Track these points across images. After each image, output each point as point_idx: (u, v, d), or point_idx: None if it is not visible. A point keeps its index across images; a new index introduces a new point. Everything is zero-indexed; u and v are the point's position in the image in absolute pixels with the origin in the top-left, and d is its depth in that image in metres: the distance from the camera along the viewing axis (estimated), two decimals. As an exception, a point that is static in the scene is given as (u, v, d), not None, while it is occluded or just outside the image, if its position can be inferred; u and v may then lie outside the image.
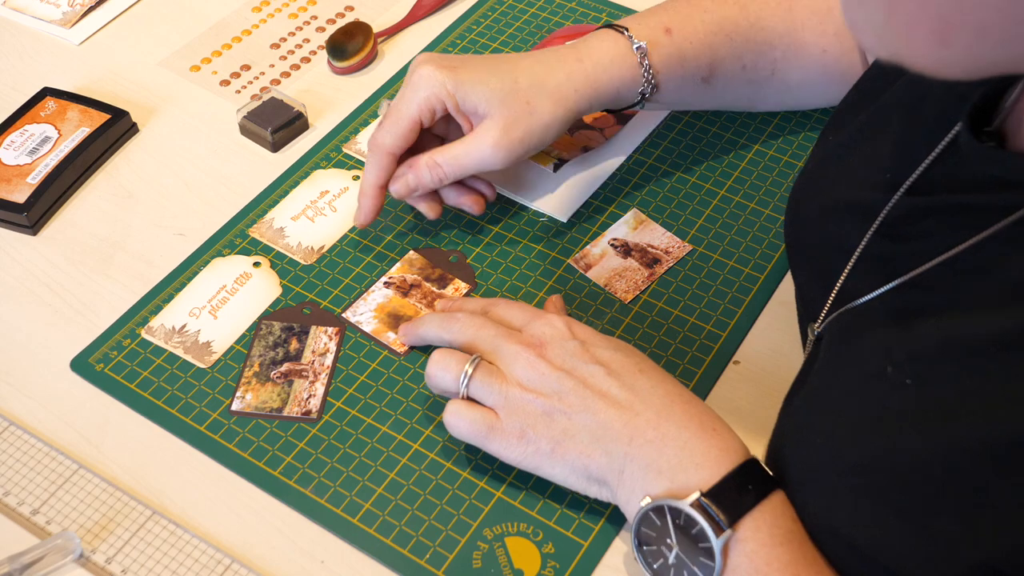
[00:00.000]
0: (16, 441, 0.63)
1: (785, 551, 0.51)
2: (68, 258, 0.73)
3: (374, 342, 0.68)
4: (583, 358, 0.58)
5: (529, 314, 0.62)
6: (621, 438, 0.55)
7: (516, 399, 0.58)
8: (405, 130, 0.69)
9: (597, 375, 0.57)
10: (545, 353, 0.59)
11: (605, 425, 0.56)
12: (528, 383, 0.58)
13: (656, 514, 0.53)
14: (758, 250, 0.73)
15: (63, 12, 0.91)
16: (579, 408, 0.57)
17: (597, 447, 0.56)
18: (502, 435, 0.58)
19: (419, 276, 0.71)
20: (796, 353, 0.67)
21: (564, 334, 0.59)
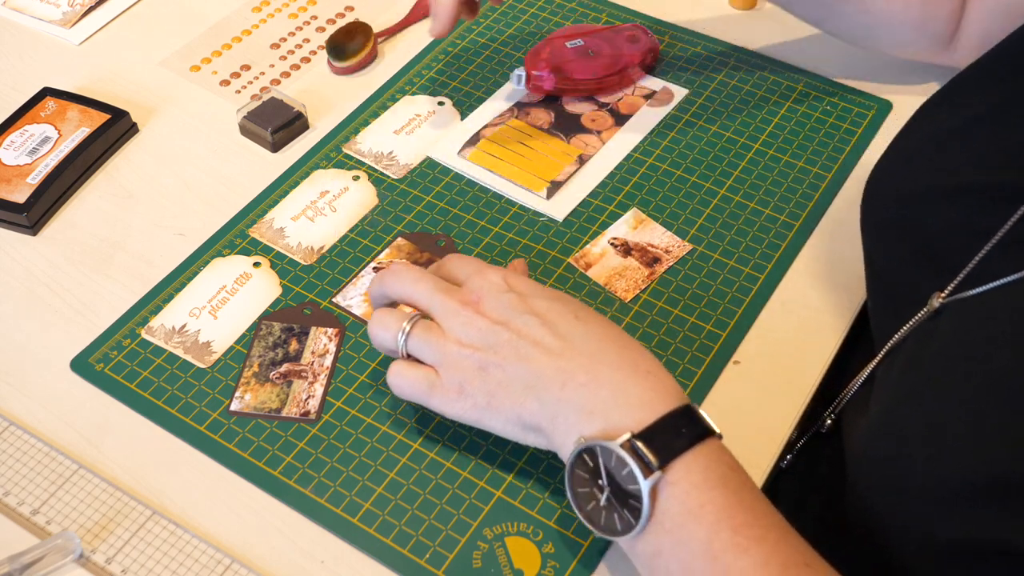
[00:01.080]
0: (16, 441, 0.63)
1: (719, 494, 0.50)
2: (68, 258, 0.73)
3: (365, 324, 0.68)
4: (518, 309, 0.58)
5: (471, 268, 0.61)
6: (553, 384, 0.55)
7: (453, 355, 0.58)
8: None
9: (531, 325, 0.57)
10: (481, 307, 0.58)
11: (537, 373, 0.56)
12: (464, 339, 0.58)
13: (588, 455, 0.53)
14: (758, 250, 0.73)
15: (63, 12, 0.91)
16: (512, 359, 0.56)
17: (529, 395, 0.56)
18: (442, 391, 0.58)
19: (407, 261, 0.72)
20: (796, 353, 0.67)
21: (500, 287, 0.59)
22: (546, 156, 0.79)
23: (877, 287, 0.65)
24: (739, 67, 0.86)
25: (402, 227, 0.74)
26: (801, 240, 0.74)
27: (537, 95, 0.84)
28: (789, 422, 0.64)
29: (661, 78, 0.85)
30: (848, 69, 0.86)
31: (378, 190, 0.77)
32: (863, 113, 0.82)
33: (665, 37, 0.89)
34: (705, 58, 0.87)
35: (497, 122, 0.82)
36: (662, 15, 0.91)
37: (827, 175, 0.78)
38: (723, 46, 0.88)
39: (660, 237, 0.73)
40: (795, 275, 0.72)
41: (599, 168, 0.78)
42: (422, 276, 0.61)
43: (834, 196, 0.76)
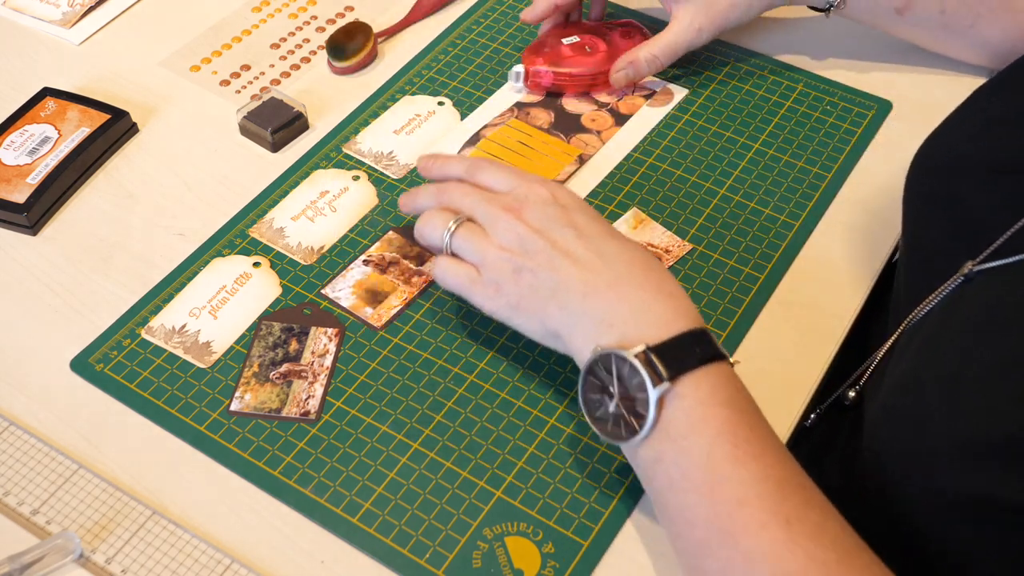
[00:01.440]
0: (16, 441, 0.63)
1: (723, 411, 0.53)
2: (68, 258, 0.73)
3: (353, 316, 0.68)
4: (559, 221, 0.61)
5: (514, 179, 0.64)
6: (576, 294, 0.58)
7: (492, 256, 0.61)
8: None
9: (567, 237, 0.60)
10: (523, 215, 0.61)
11: (564, 282, 0.59)
12: (504, 243, 0.61)
13: (603, 363, 0.55)
14: (758, 250, 0.73)
15: (63, 12, 0.91)
16: (544, 266, 0.60)
17: (553, 302, 0.59)
18: (482, 287, 0.62)
19: (397, 254, 0.72)
20: (796, 353, 0.67)
21: (546, 199, 0.62)
22: (546, 156, 0.79)
23: (912, 259, 0.66)
24: (739, 67, 0.86)
25: (403, 226, 0.74)
26: (801, 240, 0.74)
27: (537, 93, 0.84)
28: (789, 422, 0.64)
29: (660, 77, 0.85)
30: (848, 69, 0.86)
31: (378, 190, 0.77)
32: (863, 113, 0.82)
33: (665, 37, 0.89)
34: (705, 58, 0.87)
35: (497, 122, 0.82)
36: (662, 15, 0.91)
37: (827, 175, 0.78)
38: (723, 46, 0.88)
39: (660, 237, 0.73)
40: (795, 275, 0.72)
41: (599, 168, 0.78)
42: (473, 190, 0.65)
43: (834, 196, 0.76)
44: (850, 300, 0.70)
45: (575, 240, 0.60)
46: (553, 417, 0.64)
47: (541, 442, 0.63)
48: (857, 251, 0.73)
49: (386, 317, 0.69)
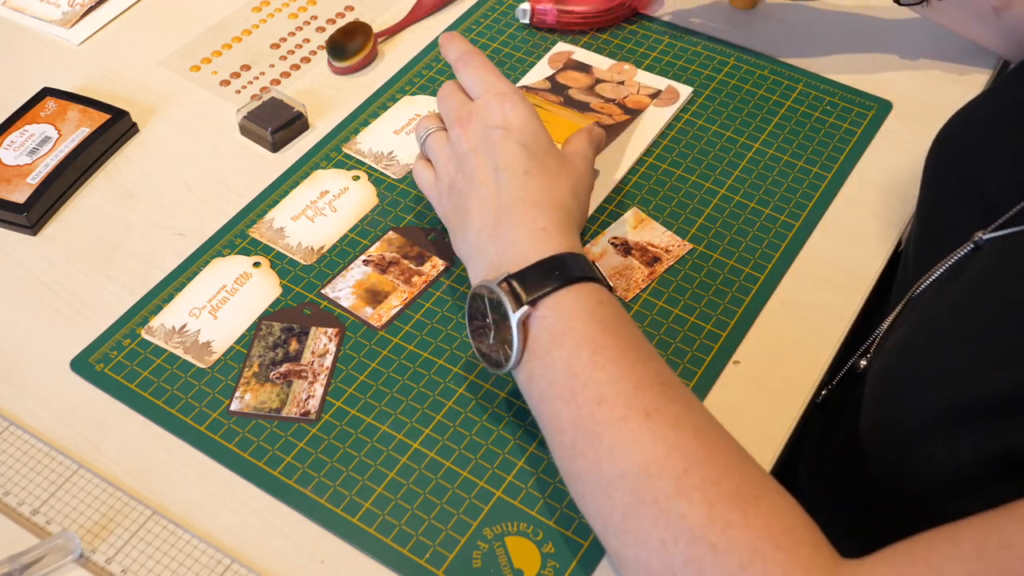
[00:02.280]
0: (16, 441, 0.63)
1: (582, 323, 0.56)
2: (68, 258, 0.73)
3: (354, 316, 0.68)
4: (490, 146, 0.64)
5: (482, 86, 0.66)
6: (473, 226, 0.63)
7: (441, 166, 0.67)
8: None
9: (486, 165, 0.63)
10: (467, 130, 0.65)
11: (469, 211, 0.63)
12: (451, 156, 0.66)
13: (478, 297, 0.60)
14: (758, 250, 0.73)
15: (63, 12, 0.91)
16: (464, 189, 0.64)
17: (463, 227, 0.64)
18: (434, 190, 0.68)
19: (397, 254, 0.72)
20: (796, 352, 0.67)
21: (494, 119, 0.64)
22: (563, 118, 0.78)
23: (923, 232, 0.67)
24: (739, 67, 0.86)
25: (403, 226, 0.74)
26: (801, 240, 0.74)
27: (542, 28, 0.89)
28: (789, 422, 0.64)
29: (662, 76, 0.85)
30: (848, 69, 0.86)
31: (378, 190, 0.77)
32: (863, 113, 0.82)
33: (665, 37, 0.89)
34: (705, 58, 0.87)
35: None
36: (662, 15, 0.91)
37: (827, 175, 0.78)
38: (723, 46, 0.88)
39: (660, 237, 0.73)
40: (795, 275, 0.72)
41: (609, 165, 0.78)
42: (449, 94, 0.68)
43: (834, 196, 0.76)
44: (850, 300, 0.70)
45: (489, 171, 0.63)
46: (553, 417, 0.64)
47: (541, 442, 0.63)
48: (857, 251, 0.73)
49: (386, 317, 0.69)
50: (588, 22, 0.88)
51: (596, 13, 0.88)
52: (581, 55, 0.86)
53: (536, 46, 0.88)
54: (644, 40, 0.89)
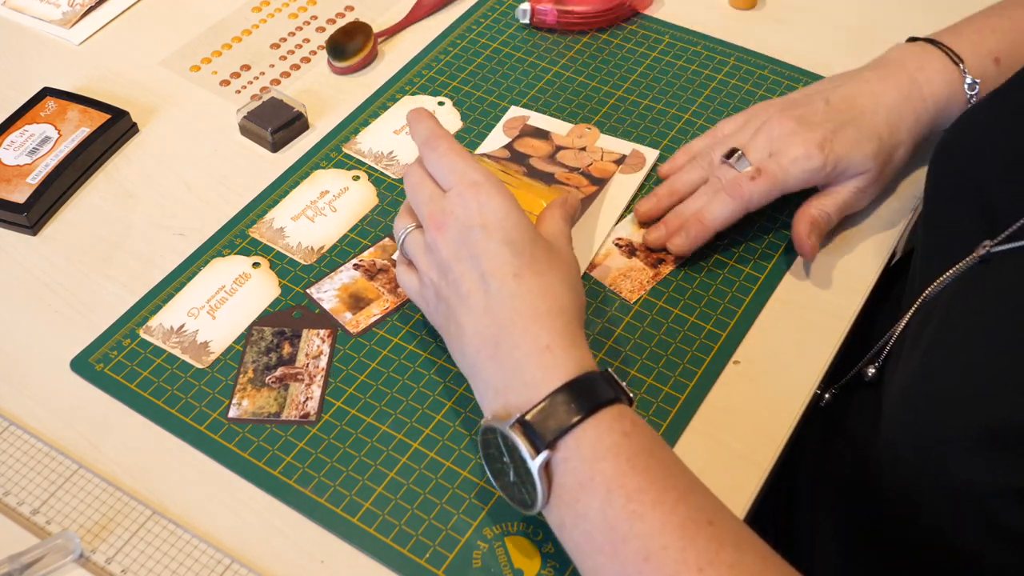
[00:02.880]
0: (16, 441, 0.63)
1: (609, 464, 0.51)
2: (68, 258, 0.73)
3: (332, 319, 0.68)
4: (470, 250, 0.57)
5: (454, 177, 0.60)
6: (470, 347, 0.57)
7: (422, 272, 0.61)
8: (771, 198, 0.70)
9: (470, 275, 0.57)
10: (444, 233, 0.59)
11: (462, 328, 0.57)
12: (429, 261, 0.60)
13: (490, 435, 0.54)
14: (758, 250, 0.73)
15: (63, 12, 0.91)
16: (453, 303, 0.58)
17: (457, 342, 0.58)
18: (421, 300, 0.63)
19: (388, 262, 0.72)
20: (796, 353, 0.67)
21: (471, 217, 0.58)
22: (534, 194, 0.70)
23: (930, 236, 0.65)
24: (739, 67, 0.86)
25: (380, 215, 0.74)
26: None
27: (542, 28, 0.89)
28: (789, 422, 0.64)
29: (662, 76, 0.85)
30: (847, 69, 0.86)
31: (378, 190, 0.77)
32: (863, 113, 0.82)
33: (665, 37, 0.89)
34: (705, 58, 0.87)
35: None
36: (662, 15, 0.91)
37: (827, 175, 0.78)
38: (723, 46, 0.88)
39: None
40: (795, 275, 0.72)
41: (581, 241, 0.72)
42: (417, 185, 0.62)
43: (834, 196, 0.76)
44: (850, 300, 0.70)
45: (476, 280, 0.57)
46: (553, 417, 0.64)
47: (541, 442, 0.63)
48: (857, 251, 0.73)
49: (363, 324, 0.68)
50: (588, 22, 0.88)
51: (596, 13, 0.88)
52: (537, 120, 0.81)
53: (536, 46, 0.88)
54: (644, 40, 0.89)
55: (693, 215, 0.70)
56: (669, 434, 0.63)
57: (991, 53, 0.71)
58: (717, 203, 0.69)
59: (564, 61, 0.87)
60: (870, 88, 0.71)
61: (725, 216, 0.69)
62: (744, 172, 0.69)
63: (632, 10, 0.90)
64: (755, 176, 0.68)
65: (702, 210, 0.70)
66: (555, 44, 0.88)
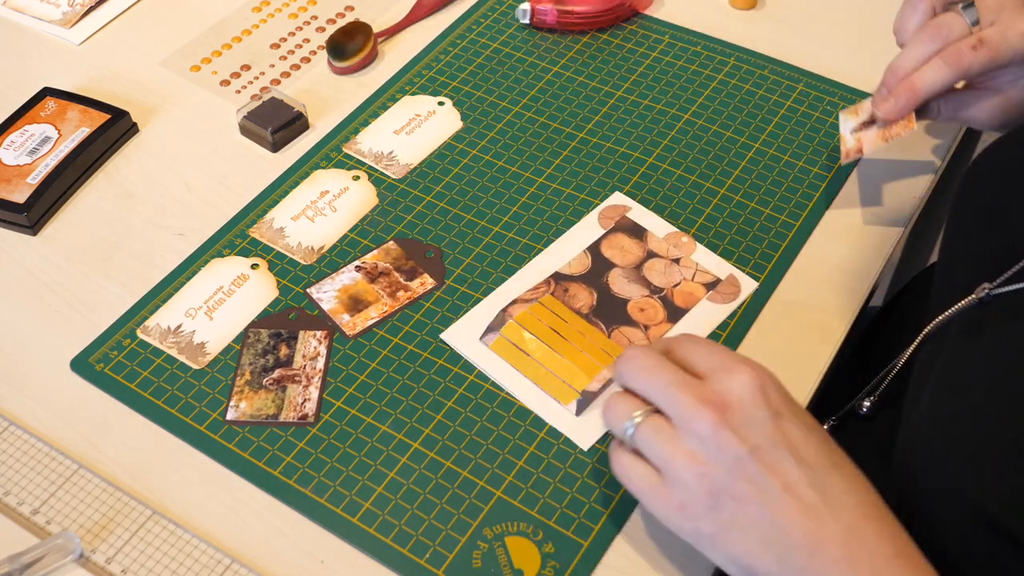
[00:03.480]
0: (16, 441, 0.63)
1: None
2: (68, 258, 0.73)
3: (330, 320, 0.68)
4: (772, 436, 0.49)
5: (717, 359, 0.52)
6: (801, 549, 0.48)
7: (679, 468, 0.50)
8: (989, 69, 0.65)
9: (785, 462, 0.49)
10: (729, 419, 0.50)
11: (783, 528, 0.48)
12: (698, 453, 0.50)
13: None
14: (758, 250, 0.73)
15: (63, 12, 0.91)
16: (756, 500, 0.49)
17: (769, 551, 0.49)
18: (662, 501, 0.51)
19: (391, 265, 0.72)
20: (796, 352, 0.67)
21: (755, 399, 0.50)
22: (580, 352, 0.66)
23: (944, 271, 0.63)
24: (739, 67, 0.86)
25: (402, 227, 0.74)
26: (801, 240, 0.74)
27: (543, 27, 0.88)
28: (789, 422, 0.64)
29: (662, 76, 0.85)
30: (848, 69, 0.86)
31: (378, 190, 0.77)
32: (863, 113, 0.82)
33: (665, 37, 0.89)
34: (705, 58, 0.87)
35: (529, 297, 0.69)
36: (662, 15, 0.91)
37: (827, 175, 0.78)
38: (723, 46, 0.88)
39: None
40: (795, 275, 0.72)
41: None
42: (659, 366, 0.53)
43: (834, 196, 0.76)
44: (850, 300, 0.70)
45: (795, 469, 0.49)
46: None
47: (541, 442, 0.63)
48: (857, 251, 0.73)
49: (360, 327, 0.68)
50: (588, 22, 0.88)
51: (596, 13, 0.88)
52: (637, 213, 0.74)
53: (536, 46, 0.88)
54: (644, 40, 0.89)
55: (905, 80, 0.67)
56: (669, 434, 0.63)
57: None
58: (932, 69, 0.66)
59: (564, 61, 0.87)
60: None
61: (938, 84, 0.65)
62: (966, 40, 0.65)
63: (632, 10, 0.90)
64: (976, 46, 0.64)
65: (915, 75, 0.66)
66: (555, 44, 0.88)
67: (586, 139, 0.81)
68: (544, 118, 0.82)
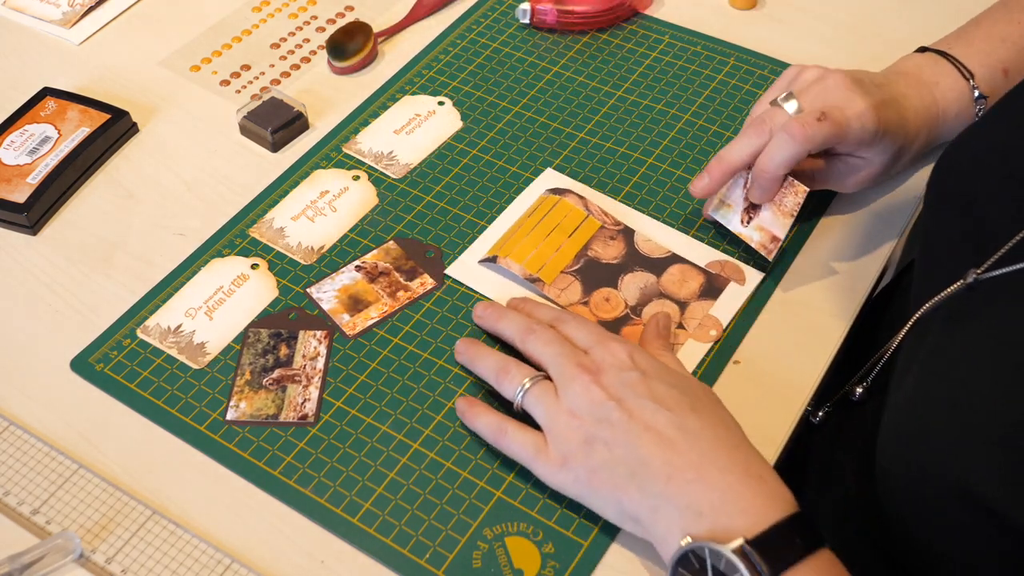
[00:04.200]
0: (16, 441, 0.63)
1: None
2: (68, 258, 0.73)
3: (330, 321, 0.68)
4: (637, 390, 0.57)
5: (595, 336, 0.61)
6: (659, 476, 0.54)
7: (561, 423, 0.58)
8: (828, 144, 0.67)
9: (646, 408, 0.56)
10: (600, 379, 0.58)
11: (643, 461, 0.55)
12: (576, 409, 0.57)
13: (695, 556, 0.52)
14: (758, 250, 0.73)
15: (63, 12, 0.91)
16: (621, 441, 0.56)
17: (632, 482, 0.55)
18: (545, 459, 0.58)
19: (391, 265, 0.72)
20: (796, 353, 0.67)
21: (624, 362, 0.59)
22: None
23: (925, 260, 0.64)
24: (739, 67, 0.86)
25: (402, 227, 0.74)
26: (801, 240, 0.74)
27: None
28: (788, 422, 0.64)
29: (662, 76, 0.85)
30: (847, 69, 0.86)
31: (378, 190, 0.77)
32: (863, 113, 0.82)
33: (665, 37, 0.89)
34: (705, 58, 0.87)
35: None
36: (662, 15, 0.91)
37: (827, 175, 0.78)
38: (723, 46, 0.88)
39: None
40: (795, 275, 0.72)
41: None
42: (554, 339, 0.61)
43: (834, 196, 0.76)
44: (850, 300, 0.70)
45: (655, 413, 0.56)
46: (553, 417, 0.64)
47: (541, 442, 0.63)
48: (857, 251, 0.73)
49: (360, 327, 0.68)
50: (588, 22, 0.88)
51: (596, 13, 0.88)
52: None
53: (536, 46, 0.88)
54: (644, 40, 0.89)
55: (756, 168, 0.67)
56: (669, 434, 0.63)
57: (1000, 64, 0.71)
58: (777, 145, 0.66)
59: (564, 61, 0.87)
60: (899, 90, 0.70)
61: (787, 158, 0.66)
62: (809, 113, 0.66)
63: (632, 10, 0.90)
64: (821, 118, 0.65)
65: (762, 157, 0.67)
66: (555, 44, 0.88)
67: (586, 139, 0.81)
68: (544, 118, 0.82)
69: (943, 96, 0.71)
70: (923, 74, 0.71)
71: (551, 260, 0.71)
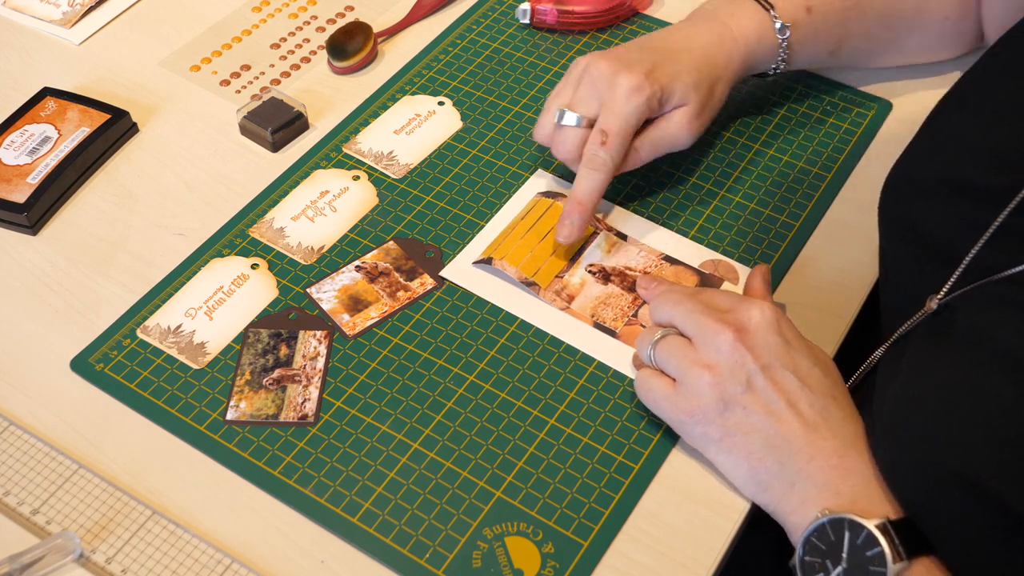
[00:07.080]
0: (16, 441, 0.63)
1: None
2: (68, 258, 0.73)
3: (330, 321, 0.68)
4: (782, 359, 0.57)
5: (737, 298, 0.60)
6: (801, 455, 0.55)
7: (694, 375, 0.57)
8: (626, 146, 0.69)
9: (790, 383, 0.56)
10: (746, 339, 0.57)
11: (786, 437, 0.55)
12: (713, 362, 0.57)
13: (833, 527, 0.53)
14: (758, 250, 0.73)
15: (63, 12, 0.91)
16: (762, 410, 0.56)
17: (770, 455, 0.56)
18: (673, 406, 0.58)
19: (391, 265, 0.72)
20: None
21: (772, 326, 0.58)
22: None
23: (887, 285, 0.65)
24: (739, 67, 0.86)
25: (402, 227, 0.74)
26: (801, 240, 0.74)
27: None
28: (789, 422, 0.64)
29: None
30: (848, 69, 0.86)
31: (378, 190, 0.77)
32: (863, 113, 0.82)
33: (665, 37, 0.89)
34: (705, 58, 0.87)
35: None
36: (662, 15, 0.91)
37: (827, 175, 0.78)
38: (723, 46, 0.88)
39: (635, 258, 0.72)
40: (795, 275, 0.72)
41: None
42: (686, 297, 0.61)
43: (834, 196, 0.76)
44: (850, 300, 0.70)
45: (799, 390, 0.56)
46: (553, 417, 0.64)
47: (541, 442, 0.63)
48: (857, 251, 0.73)
49: (360, 327, 0.68)
50: (588, 22, 0.88)
51: (596, 13, 0.88)
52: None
53: (536, 46, 0.88)
54: (644, 40, 0.89)
55: (569, 201, 0.69)
56: (669, 434, 0.63)
57: (803, 3, 0.75)
58: (583, 180, 0.69)
59: (564, 61, 0.87)
60: (683, 33, 0.74)
61: (595, 189, 0.68)
62: (592, 140, 0.68)
63: (632, 10, 0.90)
64: (603, 140, 0.68)
65: (573, 193, 0.69)
66: (555, 44, 0.88)
67: (586, 139, 0.81)
68: (544, 118, 0.82)
69: (739, 25, 0.74)
70: (719, 11, 0.75)
71: (546, 265, 0.71)
